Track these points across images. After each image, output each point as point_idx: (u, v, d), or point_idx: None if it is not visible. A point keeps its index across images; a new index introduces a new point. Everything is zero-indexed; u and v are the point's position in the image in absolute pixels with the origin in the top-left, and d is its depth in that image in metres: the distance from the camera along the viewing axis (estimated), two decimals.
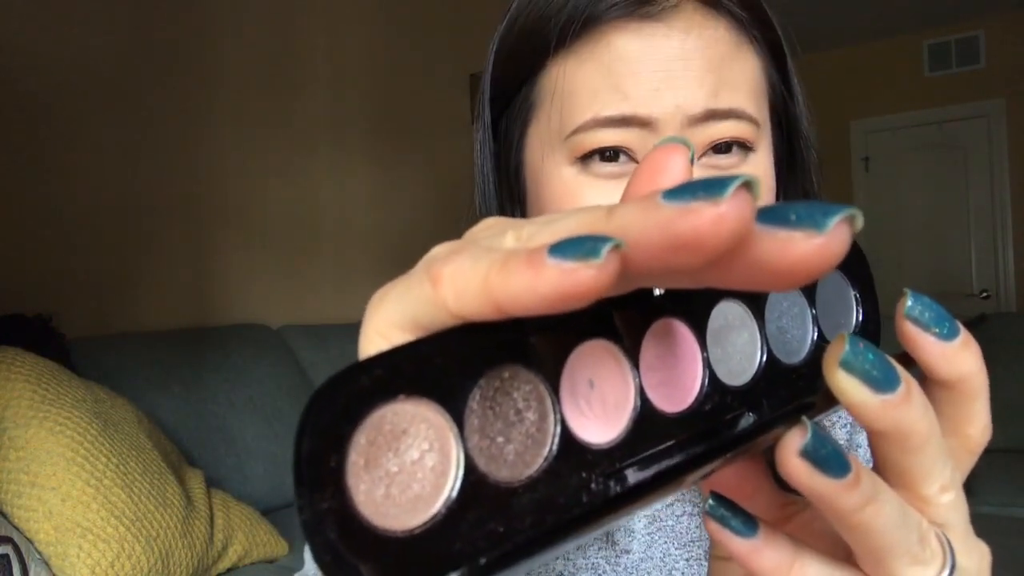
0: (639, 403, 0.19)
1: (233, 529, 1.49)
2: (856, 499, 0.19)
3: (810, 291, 0.24)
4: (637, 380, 0.19)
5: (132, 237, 2.01)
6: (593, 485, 0.18)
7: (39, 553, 1.17)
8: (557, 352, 0.18)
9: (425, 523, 0.16)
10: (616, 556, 0.50)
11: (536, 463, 0.17)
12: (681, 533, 0.51)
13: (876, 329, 0.26)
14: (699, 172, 0.43)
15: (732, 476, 0.24)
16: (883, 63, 4.33)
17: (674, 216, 0.14)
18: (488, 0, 3.06)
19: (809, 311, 0.24)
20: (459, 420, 0.16)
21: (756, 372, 0.22)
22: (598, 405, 0.19)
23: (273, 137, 2.40)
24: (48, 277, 1.83)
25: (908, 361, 0.22)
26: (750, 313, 0.23)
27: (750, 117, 0.44)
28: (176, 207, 2.11)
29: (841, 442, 0.54)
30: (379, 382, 0.15)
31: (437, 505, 0.16)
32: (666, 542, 0.51)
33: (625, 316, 0.19)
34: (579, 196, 0.44)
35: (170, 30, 2.11)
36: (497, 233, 0.17)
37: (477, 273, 0.15)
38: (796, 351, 0.24)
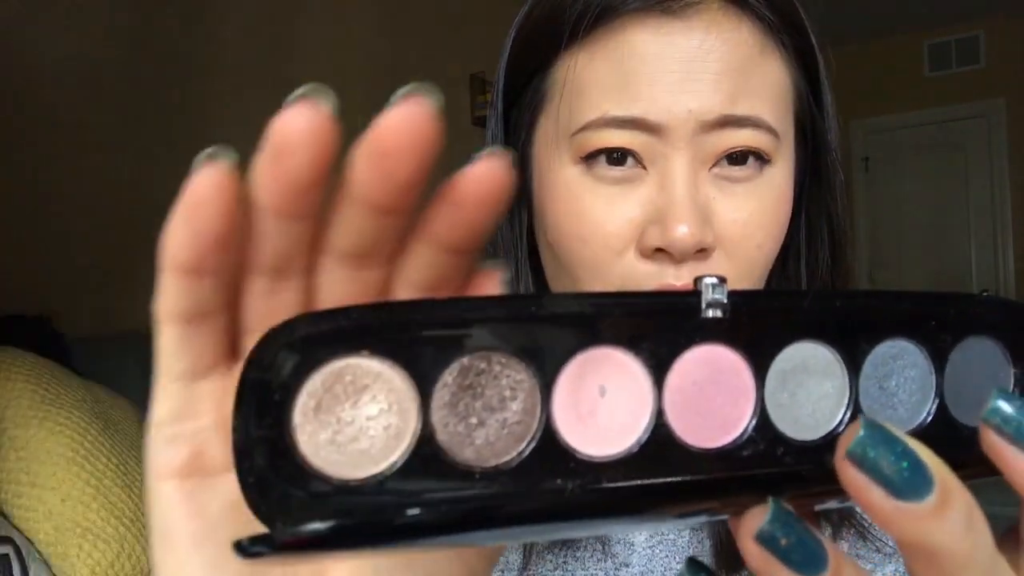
0: (652, 425, 0.18)
1: None
2: None
3: (940, 354, 0.20)
4: (657, 401, 0.18)
5: (133, 237, 2.01)
6: (568, 495, 0.17)
7: (39, 553, 1.17)
8: (561, 349, 0.17)
9: (365, 479, 0.16)
10: (615, 569, 0.48)
11: (508, 455, 0.17)
12: (683, 547, 0.48)
13: None
14: (710, 183, 0.41)
15: None
16: (883, 63, 4.32)
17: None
18: (489, 0, 3.07)
19: (933, 377, 0.20)
20: (425, 390, 0.16)
21: (831, 431, 0.19)
22: (604, 415, 0.17)
23: None
24: (48, 277, 1.82)
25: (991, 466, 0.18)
26: (841, 361, 0.19)
27: (769, 127, 0.41)
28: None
29: None
30: (343, 333, 0.16)
31: (383, 465, 0.16)
32: (667, 556, 0.48)
33: (659, 332, 0.18)
34: (581, 199, 0.42)
35: (170, 29, 2.11)
36: None
37: None
38: (902, 420, 0.20)
